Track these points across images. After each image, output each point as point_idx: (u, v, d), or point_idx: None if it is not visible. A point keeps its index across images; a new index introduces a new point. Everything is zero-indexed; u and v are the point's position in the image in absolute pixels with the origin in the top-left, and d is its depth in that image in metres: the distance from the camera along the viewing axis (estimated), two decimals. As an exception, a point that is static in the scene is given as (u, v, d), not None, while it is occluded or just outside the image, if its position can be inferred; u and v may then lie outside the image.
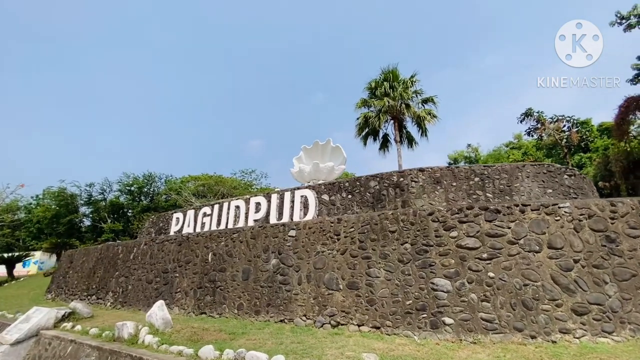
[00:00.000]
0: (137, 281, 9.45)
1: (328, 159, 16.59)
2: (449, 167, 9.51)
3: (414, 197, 9.17)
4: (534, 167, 9.35)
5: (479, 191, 9.07)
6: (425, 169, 9.55)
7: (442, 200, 9.05)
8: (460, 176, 9.30)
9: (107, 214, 37.17)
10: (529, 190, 8.97)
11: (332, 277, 6.21)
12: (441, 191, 9.16)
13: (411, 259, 5.57)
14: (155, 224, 15.53)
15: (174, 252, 9.04)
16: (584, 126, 26.37)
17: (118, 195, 38.64)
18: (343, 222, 6.55)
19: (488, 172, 9.25)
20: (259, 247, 7.50)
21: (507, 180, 9.11)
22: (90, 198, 37.49)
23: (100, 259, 11.24)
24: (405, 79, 18.99)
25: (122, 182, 38.03)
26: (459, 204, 7.36)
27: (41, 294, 14.20)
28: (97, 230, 36.35)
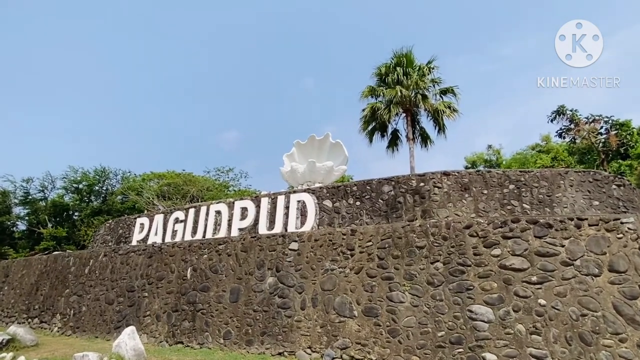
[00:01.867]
0: (94, 301, 9.15)
1: (326, 157, 16.53)
2: (479, 171, 9.56)
3: (436, 205, 9.18)
4: (578, 174, 9.50)
5: (514, 201, 9.14)
6: (450, 172, 9.57)
7: (471, 211, 9.08)
8: (492, 183, 9.36)
9: (48, 216, 36.17)
10: (572, 202, 9.09)
11: (344, 301, 6.11)
12: (470, 200, 9.19)
13: (444, 281, 5.52)
14: (114, 231, 15.15)
15: (142, 266, 8.79)
16: (623, 128, 27.12)
17: (62, 194, 37.64)
18: (358, 234, 6.48)
19: (525, 178, 9.34)
20: (252, 262, 7.35)
21: (547, 189, 9.21)
22: (27, 197, 36.40)
23: (46, 273, 10.86)
24: (422, 64, 19.12)
25: (67, 178, 37.05)
26: (501, 216, 7.39)
27: (-35, 315, 13.65)
28: (35, 237, 35.30)
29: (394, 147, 21.16)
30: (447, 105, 18.74)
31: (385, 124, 20.54)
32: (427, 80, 18.49)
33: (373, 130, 20.67)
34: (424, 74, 18.59)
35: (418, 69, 19.03)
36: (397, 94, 17.87)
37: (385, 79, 19.44)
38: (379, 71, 19.80)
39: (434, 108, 19.03)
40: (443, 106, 18.68)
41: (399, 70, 18.31)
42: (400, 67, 18.64)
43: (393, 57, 19.41)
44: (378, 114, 18.72)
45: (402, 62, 19.08)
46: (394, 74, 18.54)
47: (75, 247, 33.12)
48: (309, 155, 16.68)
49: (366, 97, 20.08)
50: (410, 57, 19.42)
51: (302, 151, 17.14)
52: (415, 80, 18.06)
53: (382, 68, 19.59)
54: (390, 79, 18.78)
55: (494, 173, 9.52)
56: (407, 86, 18.31)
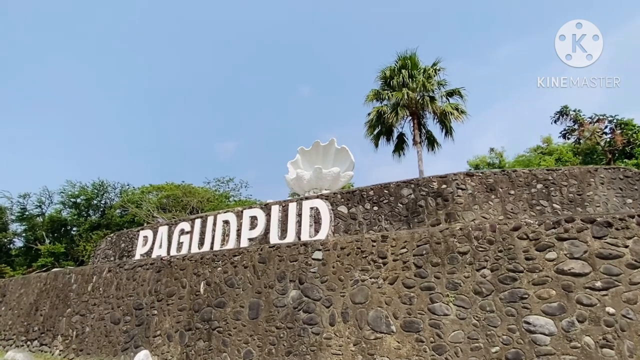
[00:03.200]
0: (98, 321, 8.48)
1: (331, 163, 16.04)
2: (504, 171, 9.06)
3: (461, 208, 8.65)
4: (608, 171, 9.01)
5: (543, 201, 8.63)
6: (474, 173, 9.07)
7: (499, 213, 8.55)
8: (518, 183, 8.85)
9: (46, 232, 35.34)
10: (605, 200, 8.59)
11: (379, 314, 5.52)
12: (497, 201, 8.67)
13: (493, 290, 4.95)
14: (115, 245, 14.49)
15: (150, 282, 8.15)
16: (628, 127, 26.83)
17: (60, 209, 36.86)
18: (390, 240, 5.91)
19: (553, 177, 8.83)
20: (272, 274, 6.75)
21: (577, 188, 8.71)
22: (24, 212, 35.59)
23: (45, 292, 10.17)
24: (427, 67, 18.77)
25: (65, 193, 36.30)
26: (550, 216, 6.84)
27: (-40, 338, 12.87)
28: (32, 253, 34.41)
29: (400, 151, 20.73)
30: (455, 106, 18.34)
31: (390, 128, 20.14)
32: (434, 82, 18.10)
33: (379, 134, 20.25)
34: (430, 76, 18.22)
35: (423, 71, 18.67)
36: (403, 97, 17.46)
37: (390, 82, 19.08)
38: (383, 74, 19.44)
39: (440, 110, 18.63)
40: (450, 108, 18.29)
41: (405, 72, 17.93)
42: (405, 69, 18.26)
43: (397, 60, 19.06)
44: (385, 117, 18.27)
45: (407, 64, 18.73)
46: (399, 76, 18.17)
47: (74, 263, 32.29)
48: (313, 161, 16.18)
49: (371, 101, 19.70)
50: (415, 60, 19.09)
51: (307, 158, 16.65)
52: (422, 82, 17.67)
53: (387, 71, 19.24)
54: (396, 81, 18.40)
55: (520, 172, 9.02)
56: (413, 88, 17.92)
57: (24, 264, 33.16)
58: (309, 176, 15.30)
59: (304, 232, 10.20)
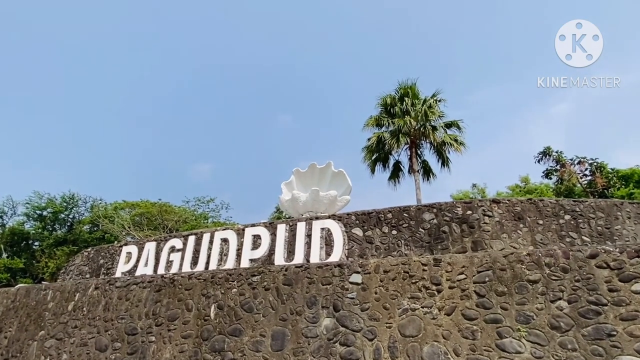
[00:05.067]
0: (80, 347, 7.19)
1: (327, 186, 15.47)
2: (531, 200, 8.73)
3: (489, 236, 8.17)
4: (633, 205, 8.85)
5: (572, 232, 8.28)
6: (501, 200, 8.68)
7: (528, 243, 8.11)
8: (546, 212, 8.51)
9: (4, 245, 32.35)
10: (633, 235, 8.34)
11: (436, 350, 4.77)
12: (525, 230, 8.25)
13: (573, 325, 4.35)
14: (93, 261, 13.06)
15: (147, 302, 7.04)
16: (605, 171, 27.93)
17: (23, 222, 34.04)
18: (444, 264, 5.26)
19: (580, 208, 8.56)
20: (299, 299, 5.89)
21: (605, 221, 8.45)
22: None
23: (13, 310, 8.72)
24: (427, 97, 18.90)
25: (31, 204, 33.65)
26: (631, 244, 6.40)
27: None
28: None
29: (396, 179, 20.43)
30: (454, 138, 18.38)
31: (387, 155, 19.93)
32: (436, 112, 18.17)
33: (376, 160, 19.95)
34: (431, 106, 18.30)
35: (424, 101, 18.76)
36: (405, 124, 17.35)
37: (391, 110, 19.02)
38: (383, 101, 19.42)
39: (438, 141, 18.63)
40: (450, 139, 18.30)
41: (408, 100, 17.94)
42: (407, 97, 18.30)
43: (399, 88, 19.14)
44: (386, 143, 18.02)
45: (408, 93, 18.81)
46: (401, 104, 18.15)
47: (32, 280, 29.49)
48: (309, 184, 15.54)
49: (370, 127, 19.51)
50: (415, 89, 19.22)
51: (302, 180, 15.99)
52: (423, 112, 17.68)
53: (387, 98, 19.24)
54: (397, 109, 18.34)
55: (547, 202, 8.70)
56: (414, 117, 17.89)
57: (-26, 280, 29.98)
58: (304, 198, 14.59)
59: (313, 254, 9.39)
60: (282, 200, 14.96)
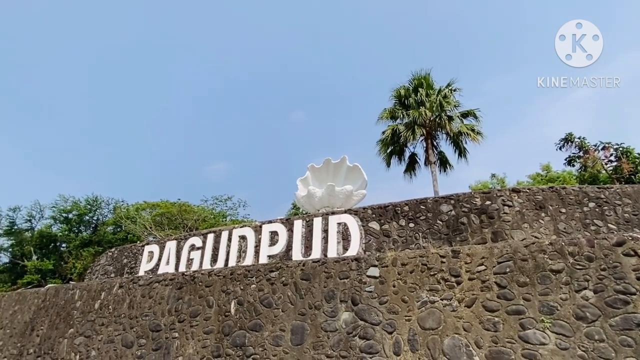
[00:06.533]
0: (107, 343, 7.43)
1: (342, 181, 15.41)
2: (553, 188, 8.48)
3: (509, 227, 7.98)
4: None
5: (597, 220, 8.01)
6: (521, 189, 8.47)
7: (550, 232, 7.89)
8: (569, 200, 8.26)
9: (34, 248, 33.58)
10: (663, 221, 8.01)
11: (457, 343, 4.71)
12: (547, 220, 8.03)
13: (600, 315, 4.22)
14: (117, 260, 13.43)
15: (170, 300, 7.20)
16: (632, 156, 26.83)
17: (50, 225, 35.23)
18: (463, 255, 5.17)
19: (606, 195, 8.27)
20: (318, 294, 5.91)
21: (632, 207, 8.14)
22: (13, 227, 33.88)
23: (44, 309, 9.07)
24: (442, 87, 18.55)
25: (57, 207, 34.80)
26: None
27: (-62, 361, 11.50)
28: (18, 270, 32.53)
29: (412, 171, 20.18)
30: (471, 127, 18.00)
31: (403, 148, 19.69)
32: (451, 102, 17.83)
33: (391, 153, 19.74)
34: (446, 96, 17.96)
35: (438, 91, 18.43)
36: (420, 115, 17.09)
37: (405, 101, 18.76)
38: (397, 93, 19.15)
39: (455, 131, 18.28)
40: (466, 129, 17.93)
41: (422, 91, 17.65)
42: (422, 88, 18.01)
43: (412, 79, 18.84)
44: (401, 135, 17.79)
45: (422, 84, 18.50)
46: (416, 95, 17.87)
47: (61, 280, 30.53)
48: (324, 179, 15.51)
49: (384, 119, 19.30)
50: (429, 80, 18.89)
51: (317, 175, 15.97)
52: (438, 102, 17.37)
53: (401, 90, 18.97)
54: (412, 100, 18.08)
55: (570, 190, 8.44)
56: (429, 108, 17.60)
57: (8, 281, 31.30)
58: (320, 194, 14.59)
59: (330, 249, 9.42)
60: (298, 197, 14.99)
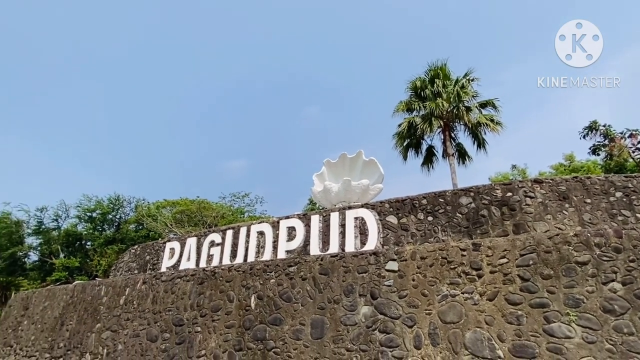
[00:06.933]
0: (133, 338, 7.67)
1: (359, 175, 15.31)
2: (577, 178, 8.23)
3: (532, 218, 7.79)
4: (693, 179, 8.12)
5: (625, 211, 7.74)
6: (543, 180, 8.25)
7: (575, 223, 7.67)
8: (594, 190, 8.01)
9: (61, 246, 34.79)
10: (695, 211, 7.68)
11: (479, 336, 4.65)
12: (571, 210, 7.81)
13: (629, 308, 4.09)
14: (140, 257, 13.79)
15: (192, 295, 7.36)
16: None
17: (75, 223, 36.39)
18: (484, 248, 5.09)
19: (634, 184, 7.97)
20: (336, 288, 5.93)
21: (662, 197, 7.83)
22: (41, 226, 35.15)
23: (72, 305, 9.42)
24: (459, 77, 18.19)
25: (81, 207, 35.89)
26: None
27: (-24, 354, 12.11)
28: (46, 267, 33.80)
29: (430, 164, 19.92)
30: (490, 118, 17.61)
31: (419, 140, 19.44)
32: (469, 92, 17.46)
33: (408, 146, 19.53)
34: (463, 86, 17.60)
35: (455, 82, 18.07)
36: (437, 107, 16.81)
37: (421, 93, 18.48)
38: (413, 85, 18.87)
39: (473, 122, 17.92)
40: (485, 119, 17.55)
41: (439, 82, 17.35)
42: (438, 79, 17.71)
43: (428, 70, 18.53)
44: (418, 127, 17.56)
45: (439, 74, 18.18)
46: (432, 86, 17.58)
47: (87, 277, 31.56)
48: (340, 174, 15.45)
49: (400, 112, 19.07)
50: (446, 70, 18.54)
51: (333, 170, 15.92)
52: (456, 92, 17.04)
53: (417, 81, 18.69)
54: (428, 91, 17.80)
55: (595, 179, 8.18)
56: (447, 99, 17.30)
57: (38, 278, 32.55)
58: (336, 188, 14.55)
59: (348, 243, 9.40)
60: (315, 192, 15.00)
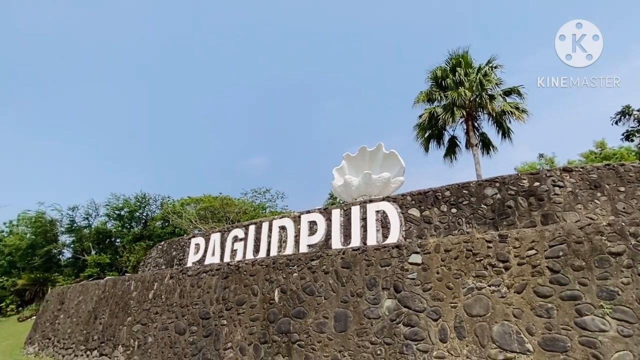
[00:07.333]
0: (162, 330, 7.92)
1: (379, 168, 15.15)
2: (610, 165, 7.88)
3: (561, 208, 7.53)
4: None
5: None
6: (573, 168, 7.94)
7: (608, 213, 7.36)
8: (629, 178, 7.64)
9: (92, 243, 36.22)
10: None
11: (506, 330, 4.55)
12: (604, 200, 7.48)
13: (668, 300, 3.90)
14: (166, 253, 14.18)
15: (217, 289, 7.53)
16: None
17: (105, 221, 37.76)
18: (511, 240, 4.95)
19: (672, 171, 7.56)
20: (359, 281, 5.92)
21: None
22: (73, 224, 36.68)
23: (104, 299, 9.81)
24: (481, 65, 17.66)
25: (110, 205, 37.20)
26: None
27: (18, 346, 12.81)
28: (79, 264, 35.31)
29: (452, 155, 19.51)
30: (515, 106, 17.05)
31: (441, 131, 19.05)
32: (492, 80, 16.95)
33: (429, 138, 19.18)
34: (486, 74, 17.09)
35: (478, 70, 17.57)
36: (460, 96, 16.41)
37: (442, 83, 18.07)
38: (433, 74, 18.48)
39: (497, 111, 17.40)
40: (510, 107, 17.00)
41: (460, 70, 16.91)
42: (459, 67, 17.26)
43: (450, 59, 18.07)
44: (439, 118, 17.21)
45: (460, 63, 17.72)
46: (454, 75, 17.15)
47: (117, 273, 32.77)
48: (360, 167, 15.33)
49: (421, 103, 18.73)
50: (468, 58, 18.04)
51: (353, 164, 15.80)
52: (478, 81, 16.57)
53: (438, 71, 18.28)
54: (449, 81, 17.38)
55: (629, 166, 7.80)
56: (469, 87, 16.85)
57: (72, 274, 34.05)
58: (357, 182, 14.46)
59: (370, 237, 9.35)
60: (335, 186, 14.97)
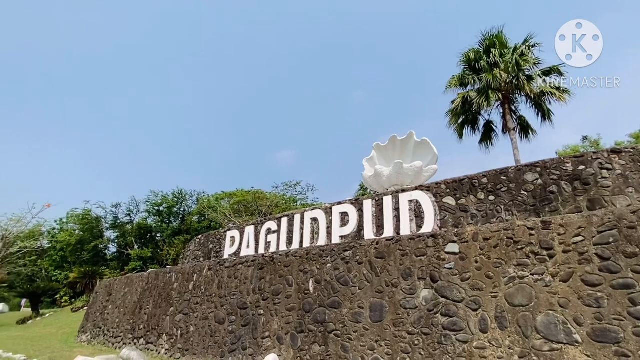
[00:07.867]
0: (202, 320, 8.24)
1: (411, 157, 14.78)
2: (665, 144, 7.30)
3: (610, 192, 7.07)
4: None
5: None
6: (622, 149, 7.42)
7: (664, 196, 6.84)
8: (687, 158, 7.05)
9: (135, 238, 38.12)
10: None
11: (552, 320, 4.36)
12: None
13: None
14: (204, 246, 14.66)
15: (253, 279, 7.72)
16: None
17: (146, 217, 39.62)
18: (556, 226, 4.72)
19: None
20: (394, 271, 5.87)
21: None
22: (116, 221, 38.75)
23: (148, 290, 10.32)
24: (517, 45, 16.79)
25: (149, 202, 38.93)
26: None
27: (72, 335, 13.77)
28: (124, 258, 37.31)
29: (488, 141, 18.79)
30: (556, 87, 16.12)
31: (476, 116, 18.37)
32: (530, 60, 16.09)
33: (463, 123, 18.55)
34: (523, 54, 16.24)
35: (514, 50, 16.72)
36: (495, 78, 15.71)
37: (476, 65, 17.37)
38: (466, 57, 17.79)
39: (536, 92, 16.51)
40: (549, 88, 16.10)
41: (495, 51, 16.16)
42: (494, 48, 16.50)
43: (483, 40, 17.32)
44: (473, 102, 16.58)
45: (494, 43, 16.93)
46: (488, 56, 16.43)
47: (159, 266, 34.34)
48: (390, 157, 15.02)
49: (453, 88, 18.11)
50: (502, 39, 17.20)
51: (383, 154, 15.51)
52: (514, 61, 15.77)
53: (471, 53, 17.58)
54: (483, 63, 16.67)
55: (687, 145, 7.20)
56: (505, 69, 16.09)
57: (117, 268, 36.07)
58: (388, 172, 14.21)
59: (403, 227, 9.19)
60: (365, 177, 14.83)
